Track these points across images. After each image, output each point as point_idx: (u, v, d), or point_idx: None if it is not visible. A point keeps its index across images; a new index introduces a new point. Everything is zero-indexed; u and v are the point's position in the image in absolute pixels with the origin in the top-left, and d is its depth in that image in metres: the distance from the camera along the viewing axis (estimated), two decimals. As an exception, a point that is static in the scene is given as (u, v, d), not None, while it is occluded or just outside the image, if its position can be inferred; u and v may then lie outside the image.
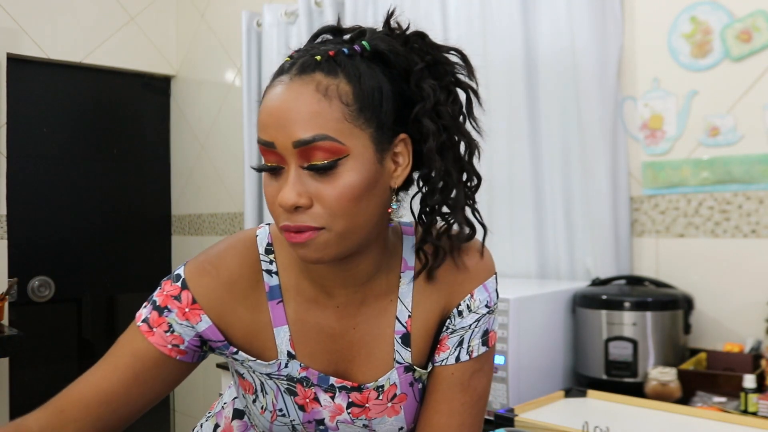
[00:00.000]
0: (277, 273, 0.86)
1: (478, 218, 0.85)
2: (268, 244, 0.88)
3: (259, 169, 0.77)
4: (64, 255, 3.30)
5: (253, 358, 0.86)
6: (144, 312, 0.84)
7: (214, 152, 3.37)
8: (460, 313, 0.87)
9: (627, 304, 1.66)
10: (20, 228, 3.08)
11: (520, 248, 2.04)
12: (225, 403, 1.06)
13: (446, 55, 0.83)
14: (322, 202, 0.73)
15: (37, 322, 3.14)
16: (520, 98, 2.01)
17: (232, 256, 0.86)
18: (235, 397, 1.04)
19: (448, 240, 0.85)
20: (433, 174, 0.80)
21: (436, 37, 0.85)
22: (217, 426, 1.04)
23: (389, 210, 0.81)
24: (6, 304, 2.64)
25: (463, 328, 0.87)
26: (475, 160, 0.83)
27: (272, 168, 0.75)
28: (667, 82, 1.86)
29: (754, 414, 1.40)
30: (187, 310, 0.82)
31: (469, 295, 0.87)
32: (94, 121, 3.43)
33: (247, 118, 2.90)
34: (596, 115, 1.91)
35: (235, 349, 0.86)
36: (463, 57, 0.83)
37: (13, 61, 3.07)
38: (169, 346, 0.82)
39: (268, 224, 0.91)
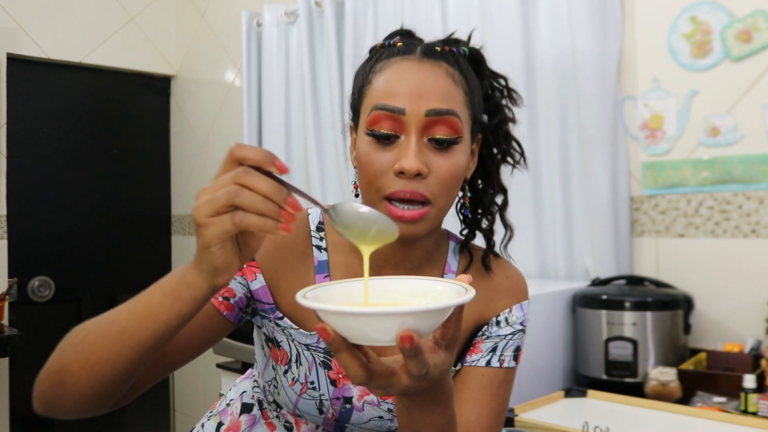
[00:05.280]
0: (326, 249, 0.90)
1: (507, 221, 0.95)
2: (320, 223, 0.92)
3: (374, 135, 0.80)
4: (64, 255, 3.30)
5: (296, 327, 0.88)
6: None
7: (214, 152, 3.37)
8: (498, 323, 0.91)
9: (627, 304, 1.66)
10: (20, 228, 3.08)
11: (520, 248, 2.04)
12: (231, 400, 1.06)
13: (497, 80, 0.93)
14: (436, 174, 0.80)
15: (37, 322, 3.14)
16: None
17: None
18: (243, 392, 1.05)
19: (492, 255, 0.94)
20: (490, 170, 0.92)
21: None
22: (220, 424, 1.03)
23: (464, 199, 0.91)
24: (6, 304, 2.64)
25: (498, 336, 0.90)
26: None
27: (388, 135, 0.80)
28: (667, 82, 1.86)
29: (754, 414, 1.40)
30: (244, 265, 0.84)
31: (508, 309, 0.92)
32: (94, 121, 3.43)
33: (247, 118, 2.90)
34: (596, 115, 1.91)
35: (280, 315, 0.88)
36: (507, 84, 0.93)
37: (13, 61, 3.07)
38: (220, 298, 0.84)
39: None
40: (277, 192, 0.59)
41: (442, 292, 0.65)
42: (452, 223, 0.97)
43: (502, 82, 0.93)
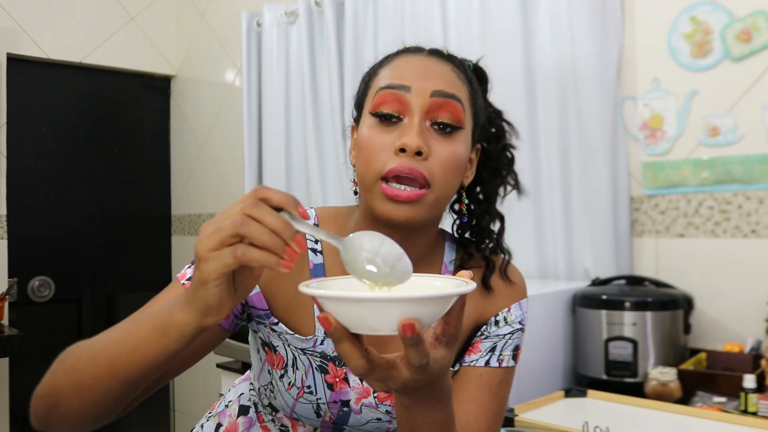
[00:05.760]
0: (321, 252, 0.90)
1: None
2: (315, 225, 0.92)
3: (378, 115, 0.81)
4: (64, 255, 3.30)
5: (291, 332, 0.87)
6: (189, 272, 0.84)
7: (214, 152, 3.37)
8: (496, 323, 0.91)
9: (627, 304, 1.66)
10: (20, 228, 3.08)
11: (520, 248, 2.04)
12: (230, 401, 1.06)
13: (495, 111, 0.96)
14: (436, 157, 0.80)
15: (37, 322, 3.14)
16: (519, 98, 2.01)
17: None
18: (241, 394, 1.05)
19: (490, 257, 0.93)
20: (489, 194, 0.92)
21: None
22: (219, 425, 1.03)
23: (461, 205, 0.91)
24: (6, 304, 2.64)
25: (497, 336, 0.90)
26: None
27: (392, 115, 0.81)
28: (667, 82, 1.86)
29: (754, 414, 1.40)
30: (236, 306, 0.83)
31: (506, 309, 0.92)
32: (94, 121, 3.43)
33: (247, 118, 2.90)
34: (596, 115, 1.91)
35: (276, 320, 0.88)
36: (504, 118, 0.95)
37: (13, 61, 3.07)
38: None
39: (313, 208, 0.95)
40: (285, 227, 0.58)
41: (442, 287, 0.65)
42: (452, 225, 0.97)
43: (499, 113, 0.95)
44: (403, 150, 0.78)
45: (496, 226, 0.93)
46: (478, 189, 0.94)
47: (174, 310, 0.64)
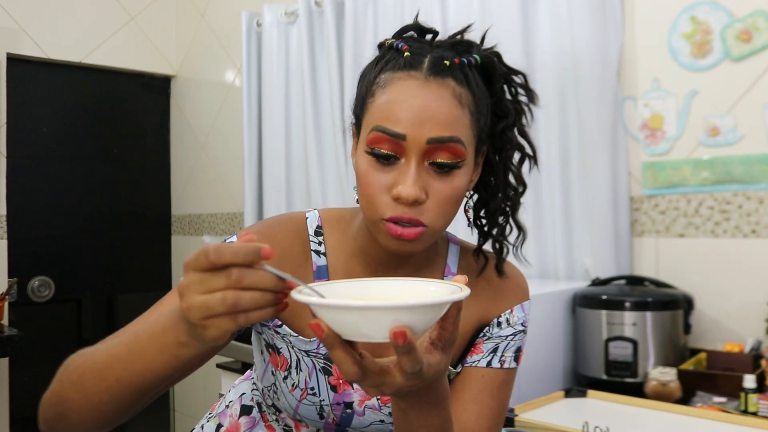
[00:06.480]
0: (325, 254, 0.89)
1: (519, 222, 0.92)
2: (318, 227, 0.91)
3: (374, 154, 0.78)
4: (64, 255, 3.30)
5: (296, 334, 0.87)
6: None
7: (214, 152, 3.37)
8: (499, 324, 0.91)
9: (627, 304, 1.66)
10: (20, 228, 3.08)
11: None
12: (231, 401, 1.06)
13: (514, 77, 0.88)
14: (435, 198, 0.78)
15: (37, 322, 3.14)
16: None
17: (285, 232, 0.89)
18: (243, 394, 1.04)
19: (493, 256, 0.92)
20: (496, 181, 0.89)
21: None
22: (220, 426, 1.03)
23: (466, 211, 0.89)
24: (6, 304, 2.64)
25: (500, 337, 0.90)
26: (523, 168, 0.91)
27: (388, 156, 0.78)
28: (667, 82, 1.86)
29: (754, 414, 1.40)
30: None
31: (509, 310, 0.92)
32: (94, 121, 3.43)
33: (247, 118, 2.90)
34: (596, 114, 1.91)
35: (279, 322, 0.88)
36: (526, 81, 0.89)
37: (13, 61, 3.07)
38: None
39: (316, 209, 0.94)
40: (278, 283, 0.59)
41: (435, 292, 0.65)
42: (455, 226, 0.96)
43: (518, 80, 0.88)
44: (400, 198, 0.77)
45: (511, 197, 0.90)
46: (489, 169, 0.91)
47: (181, 336, 0.64)
